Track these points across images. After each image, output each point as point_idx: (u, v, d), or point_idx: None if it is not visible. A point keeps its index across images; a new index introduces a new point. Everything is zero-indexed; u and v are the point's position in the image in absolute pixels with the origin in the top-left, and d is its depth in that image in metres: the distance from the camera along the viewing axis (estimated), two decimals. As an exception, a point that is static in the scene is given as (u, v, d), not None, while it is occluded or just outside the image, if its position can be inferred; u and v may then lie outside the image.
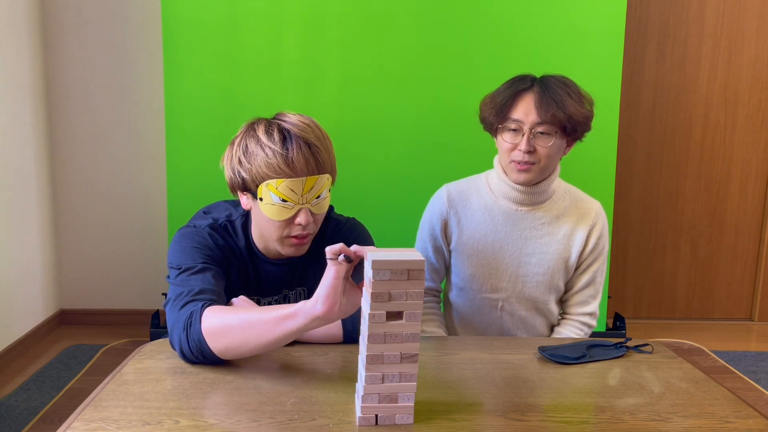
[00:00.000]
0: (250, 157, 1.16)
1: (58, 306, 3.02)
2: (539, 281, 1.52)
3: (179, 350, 1.09)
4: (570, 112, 1.39)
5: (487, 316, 1.57)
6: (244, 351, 1.04)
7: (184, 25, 2.47)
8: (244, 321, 1.02)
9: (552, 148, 1.42)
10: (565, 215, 1.52)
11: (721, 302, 3.32)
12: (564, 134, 1.43)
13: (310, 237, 1.25)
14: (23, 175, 2.69)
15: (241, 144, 1.19)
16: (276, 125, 1.18)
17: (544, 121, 1.39)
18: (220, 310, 1.07)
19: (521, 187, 1.48)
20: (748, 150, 3.18)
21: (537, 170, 1.44)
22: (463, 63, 2.52)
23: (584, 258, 1.53)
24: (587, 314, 1.56)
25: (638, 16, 3.05)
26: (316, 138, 1.18)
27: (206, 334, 1.04)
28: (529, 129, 1.40)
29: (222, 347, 1.04)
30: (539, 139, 1.41)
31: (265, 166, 1.15)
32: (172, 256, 1.22)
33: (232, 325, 1.03)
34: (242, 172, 1.18)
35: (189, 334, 1.06)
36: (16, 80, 2.62)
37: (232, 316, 1.04)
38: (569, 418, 0.93)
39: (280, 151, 1.14)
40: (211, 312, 1.06)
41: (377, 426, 0.89)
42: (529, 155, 1.41)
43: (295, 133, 1.16)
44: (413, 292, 0.85)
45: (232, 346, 1.04)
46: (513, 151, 1.43)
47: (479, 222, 1.54)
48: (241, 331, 1.02)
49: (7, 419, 2.08)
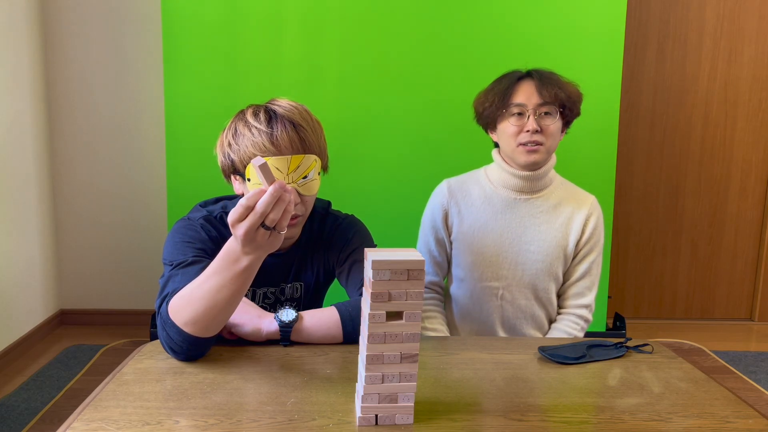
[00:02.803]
0: (238, 138, 1.19)
1: (58, 306, 3.02)
2: (539, 269, 1.56)
3: (167, 348, 1.09)
4: (569, 90, 1.50)
5: (487, 305, 1.59)
6: (209, 315, 1.03)
7: (183, 24, 2.47)
8: (195, 286, 1.03)
9: (555, 127, 1.50)
10: (562, 204, 1.58)
11: (721, 302, 3.32)
12: (562, 115, 1.51)
13: (300, 220, 1.24)
14: (23, 174, 2.69)
15: (231, 128, 1.23)
16: (264, 108, 1.22)
17: (546, 101, 1.47)
18: (181, 298, 1.06)
19: (522, 173, 1.53)
20: (748, 150, 3.18)
21: (544, 150, 1.50)
22: (463, 63, 2.52)
23: (581, 247, 1.57)
24: (583, 306, 1.58)
25: (638, 16, 3.05)
26: (303, 119, 1.20)
27: (173, 316, 1.05)
28: (533, 110, 1.48)
29: (189, 321, 1.04)
30: (544, 119, 1.49)
31: (251, 145, 1.17)
32: (165, 252, 1.23)
33: (187, 296, 1.04)
34: (231, 154, 1.20)
35: (165, 326, 1.07)
36: (17, 80, 2.62)
37: (186, 289, 1.05)
38: (569, 418, 0.93)
39: (266, 130, 1.16)
40: (175, 296, 1.07)
41: (377, 426, 0.89)
42: (537, 135, 1.48)
43: (281, 113, 1.19)
44: (413, 292, 0.85)
45: (196, 315, 1.03)
46: (519, 135, 1.50)
47: (479, 211, 1.58)
48: (197, 299, 1.02)
49: (7, 419, 2.08)
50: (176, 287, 1.09)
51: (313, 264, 1.35)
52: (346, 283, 1.32)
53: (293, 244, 1.31)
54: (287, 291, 1.35)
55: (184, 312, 1.04)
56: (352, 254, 1.31)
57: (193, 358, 1.10)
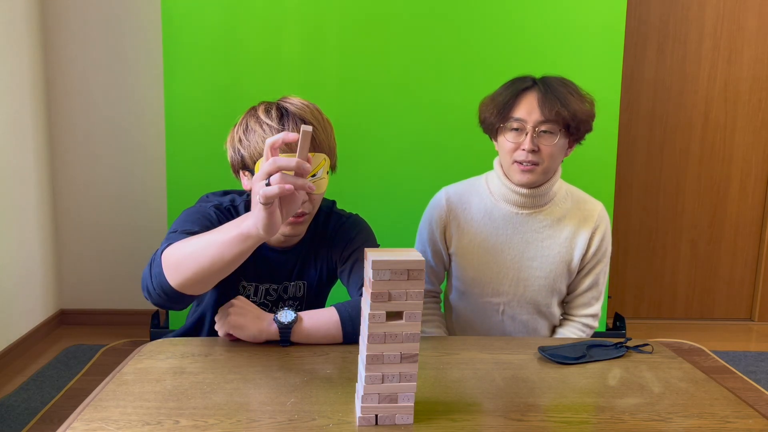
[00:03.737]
0: (249, 134, 1.19)
1: (57, 306, 3.02)
2: (541, 285, 1.50)
3: (145, 290, 1.09)
4: (573, 109, 1.37)
5: (488, 320, 1.55)
6: (198, 278, 1.02)
7: (183, 25, 2.47)
8: (196, 247, 1.01)
9: (555, 147, 1.40)
10: (567, 218, 1.50)
11: (721, 302, 3.32)
12: (567, 133, 1.41)
13: (307, 218, 1.24)
14: (23, 175, 2.69)
15: (242, 123, 1.23)
16: (276, 105, 1.22)
17: (547, 119, 1.38)
18: (179, 242, 1.06)
19: (522, 190, 1.46)
20: (748, 150, 3.18)
21: (540, 171, 1.42)
22: (463, 63, 2.52)
23: (587, 261, 1.51)
24: (590, 315, 1.55)
25: (638, 16, 3.05)
26: (314, 118, 1.20)
27: (166, 269, 1.04)
28: (533, 128, 1.38)
29: (178, 277, 1.03)
30: (543, 138, 1.39)
31: (262, 142, 1.17)
32: (172, 227, 1.22)
33: (186, 253, 1.02)
34: (242, 149, 1.21)
35: (152, 272, 1.06)
36: (16, 80, 2.62)
37: (186, 245, 1.03)
38: (569, 418, 0.93)
39: (277, 127, 1.17)
40: (169, 248, 1.05)
41: (377, 426, 0.89)
42: (532, 155, 1.40)
43: (293, 111, 1.19)
44: (413, 292, 0.85)
45: (186, 274, 1.02)
46: (516, 152, 1.41)
47: (479, 226, 1.52)
48: (193, 259, 1.01)
49: (7, 419, 2.08)
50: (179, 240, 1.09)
51: (316, 262, 1.35)
52: (347, 282, 1.32)
53: (298, 241, 1.32)
54: (290, 290, 1.35)
55: (173, 255, 1.03)
56: (354, 253, 1.31)
57: (161, 305, 1.09)
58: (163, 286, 1.05)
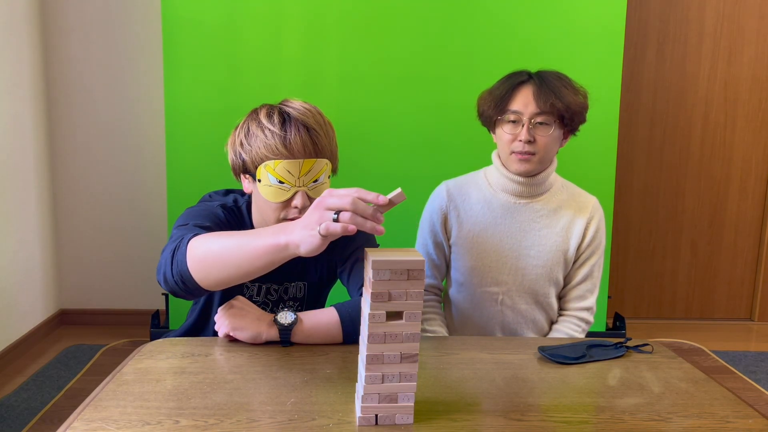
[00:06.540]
0: (251, 138, 1.19)
1: (58, 306, 3.02)
2: (539, 274, 1.54)
3: (162, 275, 1.08)
4: (567, 101, 1.44)
5: (487, 310, 1.58)
6: (222, 277, 1.01)
7: (183, 25, 2.47)
8: (225, 246, 1.00)
9: (550, 138, 1.46)
10: (563, 207, 1.55)
11: (721, 302, 3.32)
12: (561, 124, 1.47)
13: None
14: (23, 175, 2.69)
15: (243, 127, 1.22)
16: (278, 109, 1.21)
17: (542, 111, 1.44)
18: (208, 236, 1.05)
19: (520, 178, 1.51)
20: (748, 150, 3.18)
21: (536, 160, 1.48)
22: (463, 62, 2.52)
23: (582, 251, 1.55)
24: (585, 309, 1.57)
25: (638, 16, 3.05)
26: (316, 123, 1.20)
27: (190, 260, 1.03)
28: (529, 119, 1.45)
29: (202, 271, 1.02)
30: (538, 129, 1.46)
31: (264, 147, 1.17)
32: (180, 220, 1.22)
33: (214, 250, 1.01)
34: (243, 153, 1.20)
35: (174, 258, 1.06)
36: (16, 80, 2.62)
37: (214, 241, 1.02)
38: (569, 418, 0.93)
39: (279, 133, 1.16)
40: (197, 239, 1.04)
41: (377, 426, 0.89)
42: (529, 145, 1.46)
43: (295, 116, 1.19)
44: (413, 292, 0.85)
45: (212, 271, 1.01)
46: (513, 143, 1.48)
47: (478, 215, 1.56)
48: (220, 257, 1.00)
49: (7, 419, 2.08)
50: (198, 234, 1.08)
51: (317, 263, 1.36)
52: (347, 282, 1.32)
53: None
54: (291, 290, 1.35)
55: (200, 248, 1.02)
56: (354, 253, 1.32)
57: (174, 292, 1.09)
58: (183, 275, 1.05)
